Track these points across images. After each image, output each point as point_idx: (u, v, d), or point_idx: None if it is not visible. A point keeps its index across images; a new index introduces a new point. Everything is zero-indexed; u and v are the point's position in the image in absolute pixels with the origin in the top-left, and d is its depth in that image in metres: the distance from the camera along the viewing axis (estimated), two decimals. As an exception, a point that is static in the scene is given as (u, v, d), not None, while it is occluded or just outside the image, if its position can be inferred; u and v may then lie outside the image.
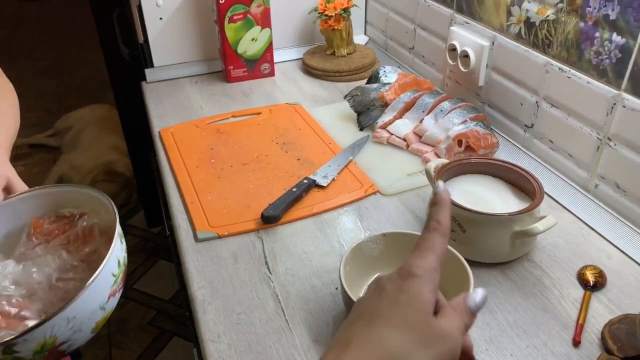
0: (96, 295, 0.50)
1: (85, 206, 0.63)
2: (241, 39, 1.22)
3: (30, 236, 0.60)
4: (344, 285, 0.60)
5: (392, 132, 0.99)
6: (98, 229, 0.60)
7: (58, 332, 0.47)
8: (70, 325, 0.48)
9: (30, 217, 0.63)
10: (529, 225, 0.68)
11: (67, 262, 0.57)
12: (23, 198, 0.63)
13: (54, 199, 0.63)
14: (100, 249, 0.59)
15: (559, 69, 0.85)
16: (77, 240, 0.59)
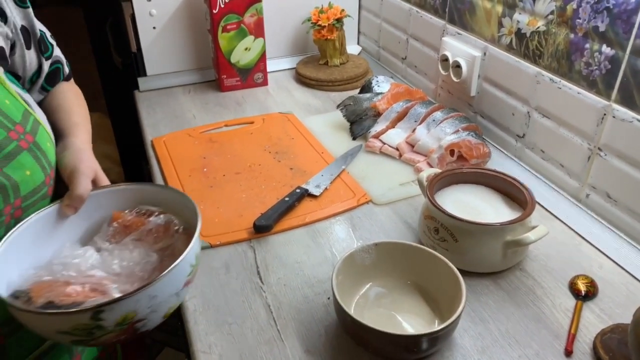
0: (175, 281, 0.54)
1: (164, 205, 0.66)
2: (234, 49, 1.22)
3: (110, 227, 0.65)
4: (336, 295, 0.60)
5: (384, 141, 0.99)
6: (174, 225, 0.64)
7: (139, 307, 0.51)
8: (151, 303, 0.52)
9: (112, 209, 0.66)
10: (520, 234, 0.69)
11: (144, 254, 0.61)
12: (108, 191, 0.67)
13: (135, 195, 0.67)
14: (175, 245, 0.62)
15: (549, 79, 0.86)
16: (151, 236, 0.63)
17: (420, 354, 0.59)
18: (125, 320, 0.51)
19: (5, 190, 0.56)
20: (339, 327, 0.65)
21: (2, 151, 0.56)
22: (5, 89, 0.60)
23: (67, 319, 0.49)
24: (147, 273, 0.59)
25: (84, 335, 0.51)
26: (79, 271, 0.58)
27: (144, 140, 1.10)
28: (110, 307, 0.49)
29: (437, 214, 0.71)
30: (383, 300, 0.67)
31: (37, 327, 0.54)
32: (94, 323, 0.49)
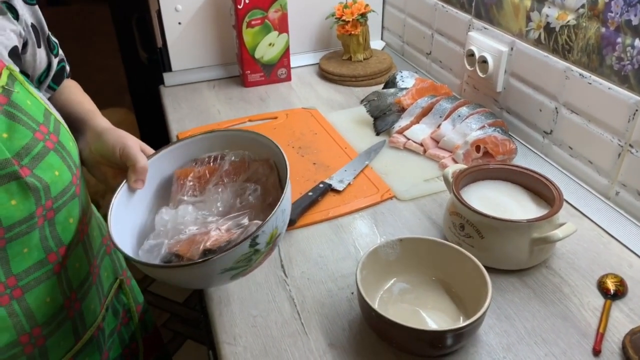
0: (289, 193, 0.60)
1: (216, 149, 0.70)
2: (259, 44, 1.23)
3: (182, 185, 0.68)
4: (360, 289, 0.60)
5: (409, 137, 0.98)
6: (249, 156, 0.68)
7: (279, 223, 0.57)
8: (283, 217, 0.58)
9: (171, 169, 0.70)
10: (548, 232, 0.68)
11: (237, 188, 0.66)
12: (161, 155, 0.69)
13: (187, 149, 0.70)
14: (256, 172, 0.67)
15: (579, 74, 0.84)
16: (229, 175, 0.67)
17: (445, 350, 0.59)
18: (272, 238, 0.57)
19: (38, 192, 0.56)
20: (362, 322, 0.65)
21: (30, 153, 0.56)
22: (26, 89, 0.59)
23: (232, 255, 0.54)
24: (256, 199, 0.64)
25: (244, 265, 0.57)
26: (197, 223, 0.63)
27: (169, 135, 1.12)
28: (262, 230, 0.55)
29: (463, 210, 0.70)
30: (407, 295, 0.67)
31: (203, 277, 0.58)
32: (252, 250, 0.55)
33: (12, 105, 0.56)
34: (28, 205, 0.55)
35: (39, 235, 0.58)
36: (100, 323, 0.71)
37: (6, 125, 0.54)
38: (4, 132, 0.54)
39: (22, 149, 0.55)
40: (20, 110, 0.56)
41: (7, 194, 0.53)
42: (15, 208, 0.54)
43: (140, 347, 0.83)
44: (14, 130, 0.55)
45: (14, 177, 0.54)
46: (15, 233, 0.55)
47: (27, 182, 0.55)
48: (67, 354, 0.65)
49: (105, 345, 0.73)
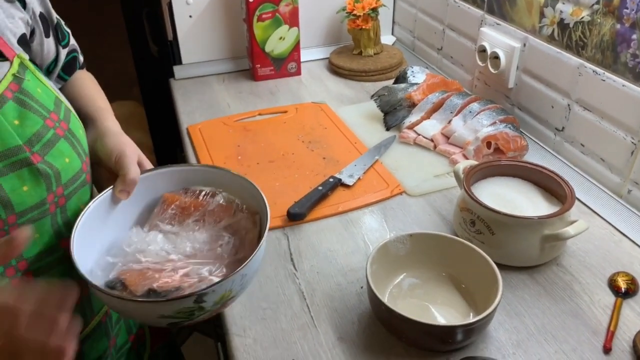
0: (258, 259, 0.57)
1: (213, 185, 0.68)
2: (269, 38, 1.23)
3: (164, 210, 0.66)
4: (370, 284, 0.60)
5: (419, 132, 0.98)
6: (236, 204, 0.65)
7: (234, 286, 0.54)
8: (242, 281, 0.55)
9: (162, 191, 0.68)
10: (559, 229, 0.67)
11: (215, 234, 0.63)
12: (156, 174, 0.67)
13: (184, 176, 0.68)
14: (239, 223, 0.64)
15: (592, 71, 0.83)
16: (212, 216, 0.65)
17: (455, 345, 0.59)
18: (222, 300, 0.54)
19: (49, 178, 0.57)
20: (371, 316, 0.65)
21: (41, 140, 0.56)
22: (36, 77, 0.59)
23: (172, 305, 0.52)
24: (226, 252, 0.61)
25: (185, 317, 0.54)
26: (157, 256, 0.60)
27: (179, 128, 1.12)
28: (212, 290, 0.52)
29: (474, 206, 0.70)
30: (417, 291, 0.67)
31: (139, 315, 0.57)
32: (196, 306, 0.52)
33: (23, 92, 0.57)
34: (39, 191, 0.56)
35: (51, 221, 0.59)
36: (108, 309, 0.72)
37: (17, 112, 0.55)
38: (15, 119, 0.55)
39: (33, 136, 0.56)
40: (31, 97, 0.57)
41: (19, 180, 0.54)
42: (27, 194, 0.55)
43: (147, 334, 0.84)
44: (25, 118, 0.56)
45: (26, 164, 0.54)
46: (28, 219, 0.56)
47: (39, 169, 0.55)
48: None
49: (112, 331, 0.74)
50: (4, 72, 0.56)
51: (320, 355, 0.60)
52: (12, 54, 0.58)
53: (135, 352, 0.81)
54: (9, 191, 0.53)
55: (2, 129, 0.53)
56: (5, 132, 0.53)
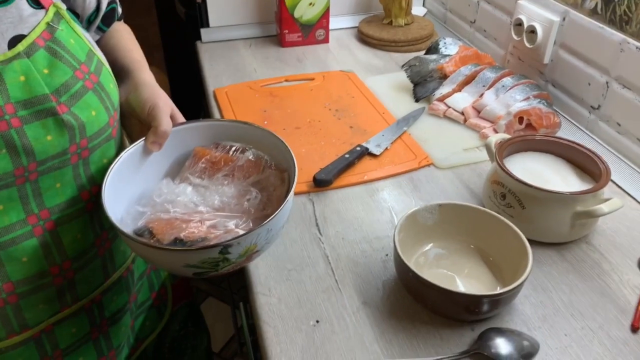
0: (285, 215, 0.57)
1: (243, 141, 0.68)
2: (299, 3, 1.20)
3: (195, 163, 0.66)
4: (398, 250, 0.60)
5: (449, 105, 0.96)
6: (265, 161, 0.65)
7: (259, 240, 0.55)
8: (267, 236, 0.55)
9: (193, 145, 0.68)
10: (592, 206, 0.66)
11: (242, 189, 0.63)
12: (188, 127, 0.67)
13: (215, 131, 0.68)
14: (267, 179, 0.64)
15: (636, 47, 0.80)
16: (241, 171, 0.65)
17: (480, 315, 0.59)
18: (247, 252, 0.55)
19: (73, 130, 0.56)
20: (396, 283, 0.65)
21: (69, 90, 0.56)
22: (71, 28, 0.59)
23: (199, 255, 0.52)
24: (253, 207, 0.62)
25: (210, 268, 0.54)
26: (186, 207, 0.61)
27: (205, 91, 1.11)
28: (237, 242, 0.52)
29: (506, 179, 0.69)
30: (443, 261, 0.67)
31: (166, 262, 0.57)
32: (221, 257, 0.53)
33: (56, 42, 0.56)
34: (62, 141, 0.56)
35: (72, 172, 0.59)
36: (130, 265, 0.72)
37: (48, 61, 0.55)
38: (45, 67, 0.55)
39: (62, 86, 0.56)
40: (62, 47, 0.57)
41: (44, 129, 0.54)
42: (50, 143, 0.55)
43: (169, 293, 0.85)
44: (55, 67, 0.56)
45: (51, 113, 0.54)
46: (48, 167, 0.56)
47: (64, 119, 0.55)
48: (95, 290, 0.67)
49: (134, 287, 0.75)
50: (38, 20, 0.56)
51: (345, 317, 0.61)
52: (48, 2, 0.57)
53: (156, 309, 0.82)
54: (32, 139, 0.53)
55: (31, 77, 0.53)
56: (34, 80, 0.53)
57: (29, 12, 0.55)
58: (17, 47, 0.53)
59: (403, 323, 0.60)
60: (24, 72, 0.53)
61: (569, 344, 0.58)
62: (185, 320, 0.88)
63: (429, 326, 0.59)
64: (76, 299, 0.65)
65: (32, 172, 0.55)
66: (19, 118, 0.52)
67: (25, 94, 0.53)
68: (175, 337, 0.85)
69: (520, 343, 0.56)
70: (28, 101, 0.53)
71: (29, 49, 0.54)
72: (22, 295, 0.59)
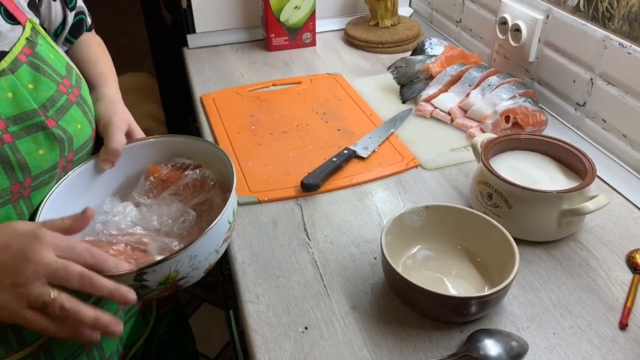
0: (214, 238, 0.55)
1: (198, 157, 0.66)
2: (284, 7, 1.20)
3: (147, 181, 0.65)
4: (385, 253, 0.60)
5: (436, 105, 0.96)
6: (210, 180, 0.63)
7: (181, 267, 0.52)
8: (191, 262, 0.53)
9: (147, 162, 0.66)
10: (578, 204, 0.66)
11: (182, 210, 0.61)
12: (142, 144, 0.66)
13: (170, 147, 0.67)
14: (212, 200, 0.62)
15: (619, 44, 0.81)
16: (187, 190, 0.63)
17: (469, 317, 0.59)
18: (168, 280, 0.52)
19: (63, 143, 0.56)
20: (385, 287, 0.65)
21: (55, 105, 0.56)
22: (47, 42, 0.59)
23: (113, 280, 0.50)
24: (186, 230, 0.59)
25: None
26: (120, 229, 0.59)
27: (192, 97, 1.11)
28: (153, 269, 0.50)
29: (492, 179, 0.69)
30: (431, 263, 0.67)
31: None
32: (138, 284, 0.51)
33: (37, 57, 0.56)
34: (54, 155, 0.56)
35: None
36: None
37: (32, 76, 0.55)
38: (30, 83, 0.54)
39: (48, 101, 0.55)
40: (44, 62, 0.57)
41: (35, 144, 0.54)
42: (43, 158, 0.55)
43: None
44: (39, 82, 0.55)
45: (41, 128, 0.54)
46: (40, 182, 0.56)
47: (54, 133, 0.55)
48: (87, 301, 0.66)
49: None
50: (16, 36, 0.55)
51: (333, 323, 0.60)
52: (24, 18, 0.57)
53: (142, 315, 0.82)
54: (25, 154, 0.53)
55: (18, 93, 0.53)
56: (21, 95, 0.53)
57: (7, 28, 0.55)
58: (1, 64, 0.53)
59: (392, 327, 0.60)
60: (11, 88, 0.53)
61: (558, 343, 0.58)
62: (170, 325, 0.88)
63: (417, 329, 0.59)
64: None
65: (27, 187, 0.55)
66: (10, 134, 0.52)
67: (14, 109, 0.53)
68: (161, 342, 0.85)
69: (509, 344, 0.56)
70: (17, 117, 0.53)
71: (12, 65, 0.53)
72: None
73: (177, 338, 0.88)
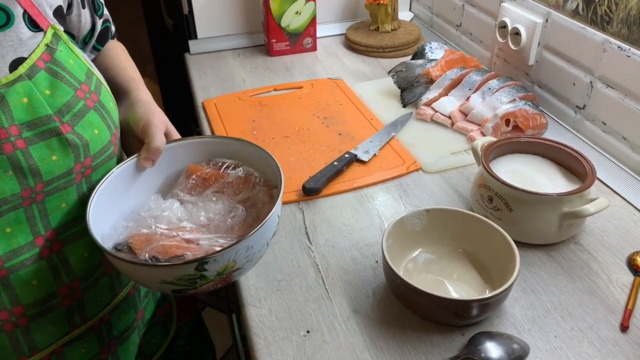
0: (267, 231, 0.56)
1: (237, 157, 0.68)
2: (285, 12, 1.21)
3: (188, 179, 0.66)
4: (386, 257, 0.60)
5: (436, 109, 0.97)
6: (255, 178, 0.65)
7: (239, 257, 0.54)
8: (247, 253, 0.54)
9: (187, 162, 0.68)
10: (578, 206, 0.66)
11: (229, 206, 0.63)
12: (182, 144, 0.68)
13: (208, 148, 0.68)
14: (257, 196, 0.64)
15: (617, 47, 0.81)
16: (231, 187, 0.65)
17: (470, 320, 0.59)
18: (226, 270, 0.54)
19: (77, 149, 0.57)
20: (386, 290, 0.65)
21: (72, 110, 0.57)
22: (69, 49, 0.60)
23: (173, 271, 0.52)
24: (237, 224, 0.61)
25: (187, 285, 0.53)
26: (170, 223, 0.60)
27: (194, 102, 1.12)
28: (214, 259, 0.51)
29: (492, 183, 0.69)
30: (432, 266, 0.67)
31: (142, 278, 0.57)
32: (198, 273, 0.52)
33: (56, 63, 0.57)
34: (67, 161, 0.56)
35: (77, 191, 0.59)
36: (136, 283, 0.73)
37: (49, 82, 0.56)
38: (47, 89, 0.55)
39: (64, 106, 0.56)
40: (63, 68, 0.57)
41: (49, 150, 0.55)
42: (55, 163, 0.55)
43: (174, 308, 0.85)
44: (56, 88, 0.56)
45: (55, 133, 0.55)
46: (54, 187, 0.56)
47: (68, 139, 0.56)
48: (103, 309, 0.67)
49: (140, 304, 0.75)
50: (37, 42, 0.56)
51: (335, 326, 0.61)
52: (46, 24, 0.58)
53: (162, 325, 0.82)
54: (37, 160, 0.54)
55: (34, 98, 0.54)
56: (37, 101, 0.54)
57: (28, 35, 0.56)
58: (19, 70, 0.53)
59: (393, 330, 0.60)
60: (27, 94, 0.54)
61: (559, 346, 0.58)
62: (190, 336, 0.88)
63: (419, 332, 0.60)
64: (85, 319, 0.65)
65: (39, 192, 0.55)
66: (23, 139, 0.53)
67: (29, 115, 0.54)
68: (181, 353, 0.85)
69: (510, 346, 0.57)
70: (32, 122, 0.54)
71: (30, 71, 0.54)
72: (31, 317, 0.59)
73: (197, 349, 0.89)
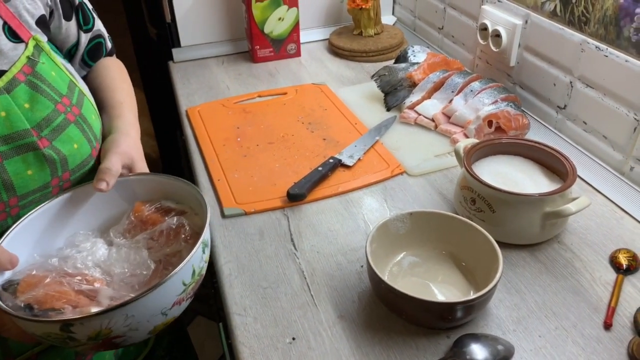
0: (160, 301, 0.50)
1: (186, 203, 0.63)
2: (268, 19, 1.21)
3: (128, 218, 0.61)
4: (370, 262, 0.60)
5: (420, 112, 0.97)
6: (185, 231, 0.59)
7: (114, 325, 0.48)
8: (128, 322, 0.48)
9: (138, 199, 0.63)
10: (560, 206, 0.67)
11: (145, 260, 0.57)
12: (135, 179, 0.63)
13: (161, 187, 0.64)
14: (183, 252, 0.58)
15: (595, 47, 0.82)
16: (162, 238, 0.59)
17: (455, 322, 0.59)
18: (100, 336, 0.48)
19: (54, 164, 0.56)
20: (372, 294, 0.65)
21: (51, 124, 0.56)
22: (51, 60, 0.59)
23: (37, 326, 0.48)
24: (140, 284, 0.55)
25: (59, 343, 0.49)
26: (77, 267, 0.55)
27: (178, 111, 1.11)
28: (80, 322, 0.46)
29: (475, 184, 0.70)
30: (417, 269, 0.67)
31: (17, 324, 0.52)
32: (64, 334, 0.47)
33: (36, 76, 0.56)
34: (43, 176, 0.56)
35: None
36: None
37: (29, 95, 0.55)
38: (26, 102, 0.54)
39: (43, 120, 0.55)
40: (43, 81, 0.57)
41: (24, 164, 0.54)
42: (31, 178, 0.55)
43: None
44: (36, 102, 0.55)
45: (32, 148, 0.54)
46: (29, 201, 0.56)
47: (45, 154, 0.55)
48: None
49: None
50: (18, 54, 0.55)
51: (321, 333, 0.60)
52: (27, 36, 0.57)
53: None
54: (12, 174, 0.53)
55: (12, 112, 0.53)
56: (15, 115, 0.53)
57: (9, 47, 0.55)
58: None
59: (379, 335, 0.60)
60: (5, 108, 0.53)
61: (543, 345, 0.58)
62: (171, 346, 0.87)
63: (404, 336, 0.60)
64: None
65: (14, 207, 0.55)
66: None
67: (6, 129, 0.53)
68: None
69: (495, 348, 0.57)
70: (8, 136, 0.53)
71: (9, 85, 0.53)
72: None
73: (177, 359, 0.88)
